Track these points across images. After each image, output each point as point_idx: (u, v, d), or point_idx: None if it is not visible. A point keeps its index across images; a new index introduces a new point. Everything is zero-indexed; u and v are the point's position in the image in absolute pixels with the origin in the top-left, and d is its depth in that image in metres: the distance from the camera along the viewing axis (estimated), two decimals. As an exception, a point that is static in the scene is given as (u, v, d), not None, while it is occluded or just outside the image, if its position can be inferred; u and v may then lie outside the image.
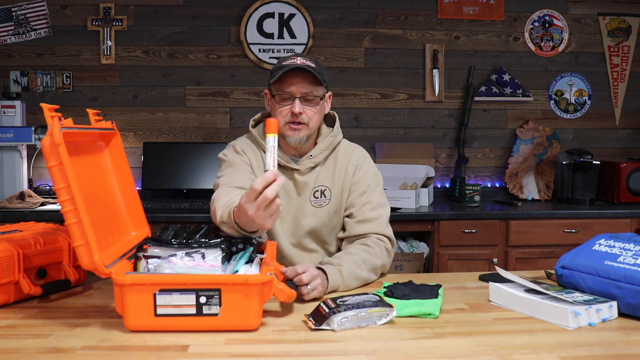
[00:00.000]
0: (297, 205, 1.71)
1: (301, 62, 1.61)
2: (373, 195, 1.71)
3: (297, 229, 1.71)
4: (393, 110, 3.61)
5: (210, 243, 1.27)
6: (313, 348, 1.10)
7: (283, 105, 1.64)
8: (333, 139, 1.74)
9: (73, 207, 1.14)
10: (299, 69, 1.60)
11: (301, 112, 1.62)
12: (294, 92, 1.62)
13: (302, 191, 1.71)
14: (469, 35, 3.62)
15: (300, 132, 1.65)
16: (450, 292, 1.48)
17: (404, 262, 2.98)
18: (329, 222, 1.72)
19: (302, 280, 1.35)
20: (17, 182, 3.14)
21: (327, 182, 1.73)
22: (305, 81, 1.62)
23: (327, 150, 1.73)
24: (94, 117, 1.47)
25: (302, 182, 1.70)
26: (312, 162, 1.71)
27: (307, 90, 1.62)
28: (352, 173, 1.73)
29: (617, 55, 3.71)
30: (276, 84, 1.64)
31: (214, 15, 3.48)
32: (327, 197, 1.72)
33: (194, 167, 3.30)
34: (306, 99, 1.63)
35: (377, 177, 1.76)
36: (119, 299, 1.16)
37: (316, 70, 1.61)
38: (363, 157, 1.78)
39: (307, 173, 1.72)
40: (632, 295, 1.24)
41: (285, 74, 1.61)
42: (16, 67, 3.39)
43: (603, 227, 3.05)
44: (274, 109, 1.67)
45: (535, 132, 3.61)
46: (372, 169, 1.77)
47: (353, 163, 1.75)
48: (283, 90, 1.63)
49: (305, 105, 1.63)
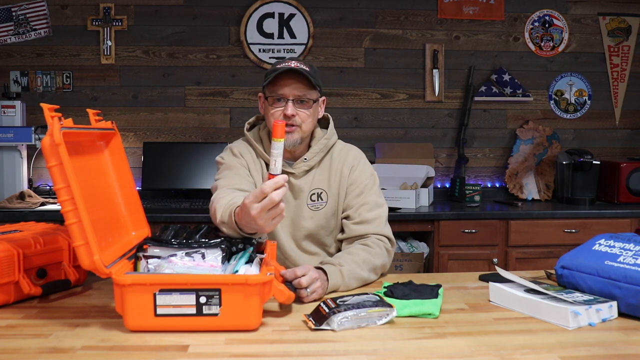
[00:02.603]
0: (295, 208, 1.70)
1: (295, 65, 1.61)
2: (370, 196, 1.71)
3: (296, 232, 1.71)
4: (393, 110, 3.61)
5: (210, 243, 1.27)
6: (313, 348, 1.10)
7: (276, 107, 1.64)
8: (327, 142, 1.74)
9: (73, 207, 1.14)
10: (292, 72, 1.61)
11: (294, 115, 1.62)
12: (287, 94, 1.62)
13: (298, 195, 1.70)
14: (469, 35, 3.62)
15: (294, 134, 1.65)
16: (450, 292, 1.48)
17: (404, 262, 2.98)
18: (326, 224, 1.72)
19: (301, 284, 1.35)
20: (17, 182, 3.14)
21: (323, 184, 1.72)
22: (298, 84, 1.62)
23: (321, 152, 1.73)
24: (94, 117, 1.47)
25: (297, 185, 1.70)
26: (306, 165, 1.71)
27: (301, 92, 1.62)
28: (348, 174, 1.73)
29: (617, 55, 3.71)
30: (269, 86, 1.64)
31: (214, 15, 3.48)
32: (324, 199, 1.72)
33: (194, 167, 3.30)
34: (299, 101, 1.63)
35: (373, 177, 1.75)
36: (119, 299, 1.16)
37: (310, 73, 1.61)
38: (358, 158, 1.77)
39: (302, 176, 1.71)
40: (632, 295, 1.24)
41: (278, 76, 1.61)
42: (16, 67, 3.39)
43: (603, 227, 3.05)
44: (267, 112, 1.67)
45: (535, 132, 3.61)
46: (367, 169, 1.76)
47: (348, 164, 1.74)
48: (276, 92, 1.63)
49: (298, 108, 1.63)
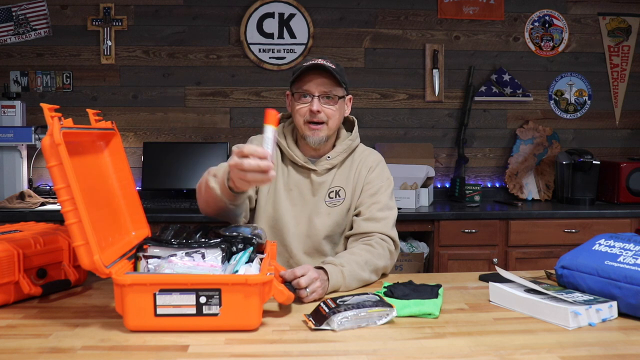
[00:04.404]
0: (312, 205, 1.72)
1: (321, 62, 1.63)
2: (383, 197, 1.72)
3: (310, 230, 1.71)
4: (393, 110, 3.61)
5: (210, 243, 1.27)
6: (313, 348, 1.10)
7: (302, 103, 1.66)
8: (351, 142, 1.76)
9: (73, 207, 1.14)
10: (318, 68, 1.62)
11: (319, 111, 1.64)
12: (312, 90, 1.64)
13: (317, 191, 1.72)
14: (469, 35, 3.62)
15: (320, 132, 1.66)
16: (450, 292, 1.48)
17: (404, 262, 2.98)
18: (342, 221, 1.73)
19: (300, 285, 1.35)
20: (17, 182, 3.14)
21: (342, 182, 1.74)
22: (324, 79, 1.63)
23: (344, 152, 1.75)
24: (93, 117, 1.47)
25: (318, 182, 1.72)
26: (329, 163, 1.73)
27: (326, 89, 1.64)
28: (366, 174, 1.75)
29: (617, 55, 3.71)
30: (296, 83, 1.66)
31: (214, 15, 3.48)
32: (342, 196, 1.73)
33: (194, 167, 3.30)
34: (325, 97, 1.64)
35: (389, 181, 1.77)
36: (119, 299, 1.16)
37: (336, 70, 1.63)
38: (377, 160, 1.79)
39: (323, 174, 1.73)
40: (632, 295, 1.24)
41: (304, 72, 1.63)
42: (16, 67, 3.39)
43: (603, 227, 3.05)
44: (293, 108, 1.69)
45: (535, 132, 3.61)
46: (385, 172, 1.78)
47: (367, 165, 1.76)
48: (302, 88, 1.65)
49: (324, 104, 1.65)
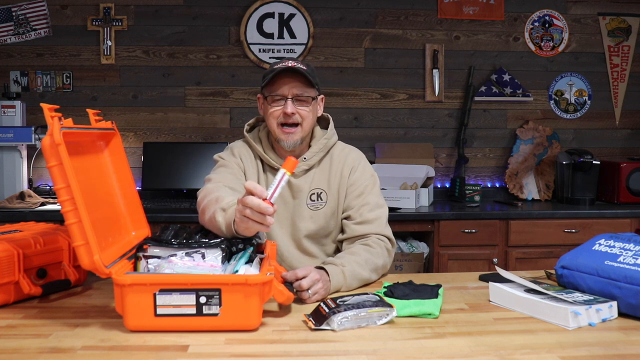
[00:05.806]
0: (293, 208, 1.71)
1: (292, 64, 1.62)
2: (370, 196, 1.71)
3: (295, 232, 1.71)
4: (393, 110, 3.61)
5: (210, 243, 1.27)
6: (313, 348, 1.10)
7: (275, 106, 1.65)
8: (327, 141, 1.74)
9: (73, 207, 1.14)
10: (290, 71, 1.62)
11: (294, 112, 1.63)
12: (285, 92, 1.63)
13: (297, 194, 1.71)
14: (469, 35, 3.62)
15: (294, 135, 1.66)
16: (450, 292, 1.48)
17: (404, 262, 2.98)
18: (326, 224, 1.72)
19: (302, 286, 1.35)
20: (17, 182, 3.14)
21: (323, 184, 1.73)
22: (296, 82, 1.63)
23: (321, 152, 1.73)
24: (93, 117, 1.47)
25: (296, 185, 1.70)
26: (305, 164, 1.71)
27: (299, 91, 1.63)
28: (348, 175, 1.73)
29: (617, 55, 3.71)
30: (268, 86, 1.65)
31: (214, 15, 3.48)
32: (324, 199, 1.72)
33: (194, 167, 3.30)
34: (298, 99, 1.64)
35: (373, 178, 1.76)
36: (119, 299, 1.16)
37: (307, 72, 1.63)
38: (358, 159, 1.77)
39: (301, 176, 1.71)
40: (632, 295, 1.24)
41: (276, 76, 1.62)
42: (16, 67, 3.39)
43: (603, 227, 3.05)
44: (266, 112, 1.68)
45: (535, 132, 3.61)
46: (368, 170, 1.76)
47: (348, 165, 1.74)
48: (275, 91, 1.64)
49: (297, 106, 1.64)
